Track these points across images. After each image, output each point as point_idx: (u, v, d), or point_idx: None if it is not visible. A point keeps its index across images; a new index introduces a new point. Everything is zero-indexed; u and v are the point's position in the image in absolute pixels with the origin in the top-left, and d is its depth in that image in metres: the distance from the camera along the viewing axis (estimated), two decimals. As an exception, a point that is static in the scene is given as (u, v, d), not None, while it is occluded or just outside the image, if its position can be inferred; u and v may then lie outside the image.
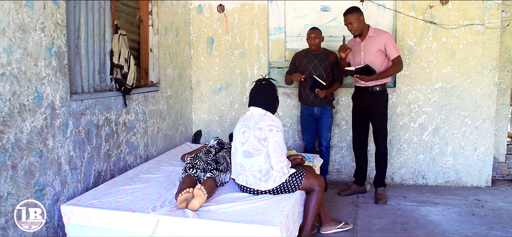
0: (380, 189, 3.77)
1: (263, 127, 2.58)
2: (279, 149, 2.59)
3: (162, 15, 3.86)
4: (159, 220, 2.24)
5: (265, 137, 2.57)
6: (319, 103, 3.93)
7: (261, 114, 2.64)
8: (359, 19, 3.52)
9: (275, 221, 2.17)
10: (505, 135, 4.34)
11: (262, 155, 2.58)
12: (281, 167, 2.60)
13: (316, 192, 2.69)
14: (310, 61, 3.92)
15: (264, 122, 2.59)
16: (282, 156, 2.62)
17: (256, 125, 2.60)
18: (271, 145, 2.57)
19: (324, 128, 3.98)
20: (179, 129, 4.36)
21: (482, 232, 3.05)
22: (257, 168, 2.59)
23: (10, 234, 2.11)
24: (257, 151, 2.58)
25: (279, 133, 2.59)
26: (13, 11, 2.09)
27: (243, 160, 2.64)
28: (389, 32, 3.68)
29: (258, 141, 2.57)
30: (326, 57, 3.91)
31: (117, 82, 3.11)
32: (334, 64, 3.90)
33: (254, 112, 2.68)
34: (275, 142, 2.57)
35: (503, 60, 4.18)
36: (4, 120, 2.05)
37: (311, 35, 3.84)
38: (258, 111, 2.67)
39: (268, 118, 2.62)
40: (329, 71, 3.90)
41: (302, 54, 4.01)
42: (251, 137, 2.60)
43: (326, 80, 3.86)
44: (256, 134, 2.58)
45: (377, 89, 3.60)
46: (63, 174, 2.50)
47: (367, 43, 3.57)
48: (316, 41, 3.84)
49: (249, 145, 2.60)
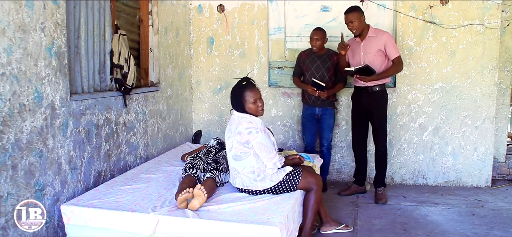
0: (380, 189, 3.77)
1: (241, 131, 2.57)
2: (265, 148, 2.57)
3: (162, 15, 3.85)
4: (159, 220, 2.24)
5: (247, 140, 2.56)
6: (321, 104, 3.93)
7: (239, 117, 2.63)
8: (360, 18, 3.52)
9: (275, 221, 2.17)
10: (505, 135, 4.34)
11: (251, 156, 2.58)
12: (273, 163, 2.60)
13: (314, 191, 2.69)
14: (313, 61, 3.92)
15: (242, 125, 2.58)
16: (271, 152, 2.60)
17: (236, 130, 2.60)
18: (256, 147, 2.57)
19: (326, 128, 3.98)
20: (179, 129, 4.36)
21: (482, 232, 3.05)
22: (249, 170, 2.59)
23: (10, 234, 2.11)
24: (244, 154, 2.58)
25: (259, 133, 2.57)
26: (13, 11, 2.09)
27: (234, 164, 2.65)
28: (389, 32, 3.68)
29: (241, 145, 2.58)
30: (329, 58, 3.90)
31: (117, 82, 3.10)
32: (338, 65, 3.88)
33: (234, 115, 2.68)
34: (258, 143, 2.56)
35: (503, 60, 4.18)
36: (4, 120, 2.05)
37: (314, 37, 3.83)
38: (236, 114, 2.66)
39: (245, 121, 2.59)
40: (332, 72, 3.90)
41: (305, 54, 4.01)
42: (235, 142, 2.60)
43: (328, 81, 3.86)
44: (237, 139, 2.58)
45: (377, 89, 3.60)
46: (63, 174, 2.50)
47: (367, 43, 3.57)
48: (318, 43, 3.83)
49: (236, 150, 2.61)
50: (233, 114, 2.70)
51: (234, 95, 2.65)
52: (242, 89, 2.61)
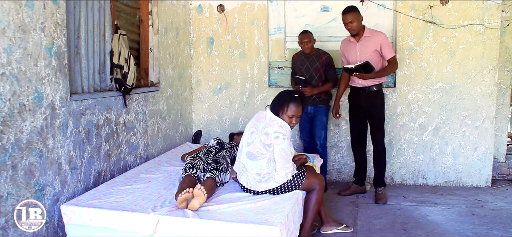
0: (380, 189, 3.77)
1: (269, 132, 2.58)
2: (285, 156, 2.59)
3: (162, 15, 3.85)
4: (159, 220, 2.24)
5: (270, 143, 2.57)
6: (312, 102, 3.96)
7: (272, 118, 2.65)
8: (358, 18, 3.54)
9: (275, 221, 2.17)
10: (505, 135, 4.34)
11: (265, 159, 2.59)
12: (286, 173, 2.61)
13: (316, 191, 2.70)
14: (303, 62, 4.01)
15: (271, 127, 2.59)
16: (288, 162, 2.62)
17: (264, 130, 2.60)
18: (277, 152, 2.57)
19: (318, 126, 4.00)
20: (179, 129, 4.36)
21: (482, 232, 3.05)
22: (257, 171, 2.60)
23: (10, 234, 2.11)
24: (260, 155, 2.59)
25: (286, 141, 2.58)
26: (13, 11, 2.09)
27: (246, 161, 2.65)
28: (384, 33, 3.68)
29: (263, 145, 2.58)
30: (317, 58, 3.96)
31: (117, 82, 3.10)
32: (327, 64, 3.95)
33: (267, 114, 2.69)
34: (281, 150, 2.57)
35: (503, 60, 4.18)
36: (4, 120, 2.05)
37: (304, 40, 3.91)
38: (270, 114, 2.68)
39: (276, 124, 2.61)
40: (321, 72, 3.95)
41: (297, 56, 4.11)
42: (257, 140, 2.61)
43: (318, 81, 3.94)
44: (262, 139, 2.59)
45: (374, 89, 3.62)
46: (63, 174, 2.50)
47: (363, 43, 3.59)
48: (310, 45, 3.91)
49: (254, 148, 2.61)
50: (266, 111, 2.72)
51: (280, 98, 2.71)
52: (291, 99, 2.67)
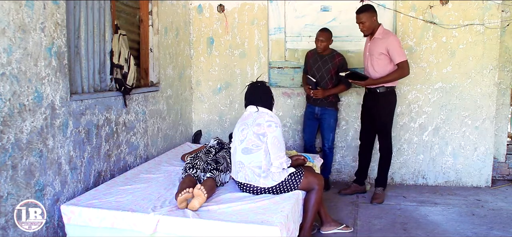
0: (378, 189, 3.76)
1: (261, 122, 2.61)
2: (278, 144, 2.60)
3: (162, 15, 3.85)
4: (159, 220, 2.24)
5: (264, 132, 2.59)
6: (320, 103, 3.93)
7: (261, 111, 2.68)
8: (371, 18, 3.47)
9: (275, 221, 2.17)
10: (505, 135, 4.34)
11: (262, 151, 2.59)
12: (280, 162, 2.62)
13: (315, 191, 2.70)
14: (315, 61, 3.94)
15: (262, 118, 2.63)
16: (281, 151, 2.63)
17: (255, 122, 2.63)
18: (270, 140, 2.59)
19: (326, 129, 3.98)
20: (179, 129, 4.36)
21: (482, 232, 3.05)
22: (256, 164, 2.60)
23: (10, 234, 2.11)
24: (256, 147, 2.60)
25: (278, 129, 2.62)
26: (13, 11, 2.09)
27: (242, 157, 2.65)
28: (395, 36, 3.60)
29: (257, 136, 2.59)
30: (331, 59, 3.88)
31: (117, 82, 3.10)
32: (340, 66, 3.86)
33: (252, 111, 2.71)
34: (274, 137, 2.59)
35: (503, 60, 4.18)
36: (4, 120, 2.05)
37: (319, 38, 3.82)
38: (255, 109, 2.71)
39: (267, 114, 2.66)
40: (332, 73, 3.88)
41: (311, 54, 4.03)
42: (250, 133, 2.62)
43: (328, 82, 3.87)
44: (254, 130, 2.60)
45: (380, 91, 3.57)
46: (63, 174, 2.50)
47: (373, 44, 3.54)
48: (323, 44, 3.82)
49: (248, 142, 2.62)
50: (248, 110, 2.74)
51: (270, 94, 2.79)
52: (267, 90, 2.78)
